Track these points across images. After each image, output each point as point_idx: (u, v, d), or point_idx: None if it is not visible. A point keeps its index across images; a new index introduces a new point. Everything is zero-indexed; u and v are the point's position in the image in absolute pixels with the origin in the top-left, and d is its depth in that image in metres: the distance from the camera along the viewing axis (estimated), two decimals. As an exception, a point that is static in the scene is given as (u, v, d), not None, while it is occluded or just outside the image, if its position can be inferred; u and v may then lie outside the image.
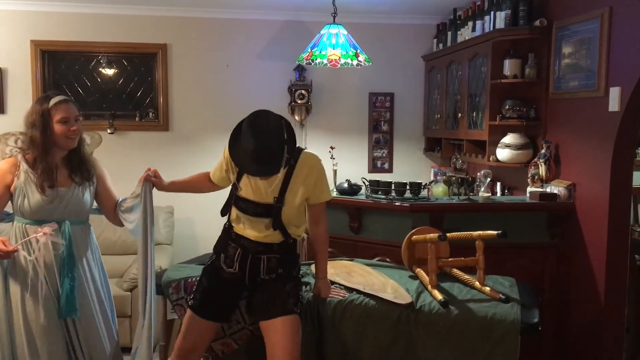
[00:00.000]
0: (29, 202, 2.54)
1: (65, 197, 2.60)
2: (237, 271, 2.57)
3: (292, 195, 2.52)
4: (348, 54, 4.20)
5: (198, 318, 2.58)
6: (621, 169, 3.35)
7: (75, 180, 2.64)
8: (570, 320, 3.72)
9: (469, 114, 4.54)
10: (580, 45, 3.56)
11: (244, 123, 2.41)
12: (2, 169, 2.59)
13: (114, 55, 5.25)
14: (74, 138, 2.61)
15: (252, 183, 2.51)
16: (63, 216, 2.61)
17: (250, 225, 2.55)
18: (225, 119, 5.36)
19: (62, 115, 2.57)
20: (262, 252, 2.55)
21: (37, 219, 2.57)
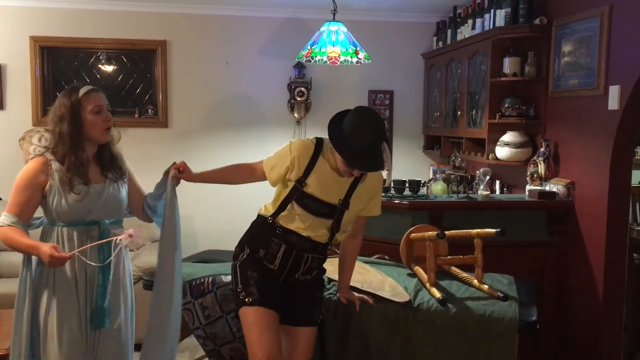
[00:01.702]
0: (66, 202, 2.35)
1: (102, 194, 2.42)
2: (277, 269, 2.49)
3: (356, 200, 2.49)
4: (348, 51, 4.20)
5: (267, 310, 2.40)
6: (620, 167, 3.35)
7: (109, 176, 2.47)
8: (568, 318, 3.72)
9: (469, 112, 4.54)
10: (580, 43, 3.56)
11: (358, 117, 2.34)
12: (33, 170, 2.38)
13: (113, 51, 5.24)
14: (108, 129, 2.45)
15: (322, 181, 2.44)
16: (101, 215, 2.42)
17: (305, 223, 2.46)
18: (225, 115, 5.37)
19: (94, 104, 2.40)
20: (307, 249, 2.49)
21: (75, 220, 2.38)
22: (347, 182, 2.46)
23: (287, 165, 2.47)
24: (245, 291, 2.44)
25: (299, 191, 2.44)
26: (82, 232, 2.40)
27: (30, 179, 2.38)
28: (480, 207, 3.79)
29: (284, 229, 2.48)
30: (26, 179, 2.39)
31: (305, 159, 2.46)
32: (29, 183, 2.38)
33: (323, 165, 2.45)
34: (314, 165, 2.45)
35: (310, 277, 2.54)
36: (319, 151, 2.47)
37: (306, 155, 2.46)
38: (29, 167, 2.40)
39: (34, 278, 2.41)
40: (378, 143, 2.34)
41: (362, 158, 2.32)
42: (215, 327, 2.78)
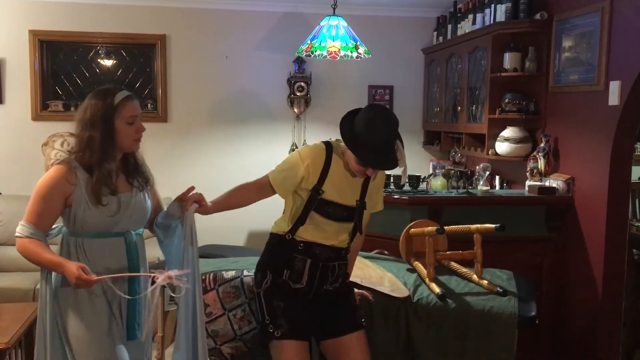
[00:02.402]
0: (93, 213, 2.17)
1: (130, 204, 2.24)
2: (305, 286, 2.40)
3: (369, 198, 2.46)
4: (348, 46, 4.19)
5: (295, 342, 2.33)
6: (620, 163, 3.35)
7: (135, 185, 2.29)
8: (567, 314, 3.73)
9: (469, 108, 4.53)
10: (580, 38, 3.55)
11: (371, 113, 2.30)
12: (57, 178, 2.16)
13: (112, 45, 5.22)
14: (139, 140, 2.27)
15: (338, 184, 2.37)
16: (127, 226, 2.25)
17: (327, 231, 2.39)
18: (224, 110, 5.36)
19: (131, 113, 2.20)
20: (333, 258, 2.42)
21: (101, 232, 2.21)
22: (359, 181, 2.42)
23: (301, 176, 2.36)
24: (273, 324, 2.35)
25: (317, 200, 2.35)
26: (107, 244, 2.23)
27: (53, 188, 2.16)
28: (480, 203, 3.79)
29: (305, 243, 2.38)
30: (49, 187, 2.16)
31: (318, 165, 2.36)
32: (52, 192, 2.16)
33: (336, 168, 2.38)
34: (328, 170, 2.37)
35: (338, 285, 2.48)
36: (330, 155, 2.39)
37: (319, 161, 2.37)
38: (52, 175, 2.18)
39: (55, 292, 2.21)
40: (392, 140, 2.31)
41: (377, 156, 2.27)
42: (216, 324, 2.76)
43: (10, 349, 2.94)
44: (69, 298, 2.19)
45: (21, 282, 4.23)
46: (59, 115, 5.08)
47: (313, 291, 2.42)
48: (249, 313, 2.68)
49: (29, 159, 5.06)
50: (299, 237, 2.39)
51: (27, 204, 5.16)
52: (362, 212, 2.44)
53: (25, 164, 5.06)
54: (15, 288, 4.16)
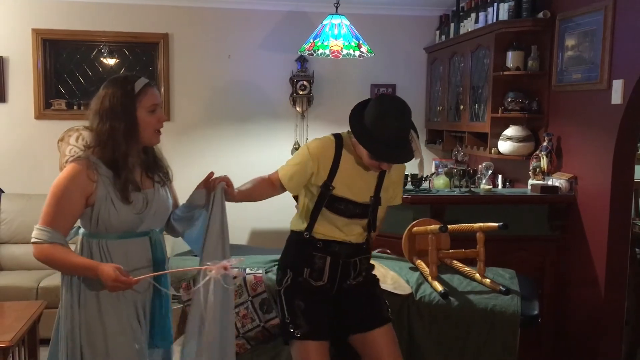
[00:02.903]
0: (118, 212, 2.01)
1: (153, 200, 2.10)
2: (326, 282, 2.36)
3: (385, 193, 2.39)
4: (350, 44, 4.19)
5: (314, 343, 2.30)
6: (623, 162, 3.34)
7: (156, 180, 2.15)
8: (570, 313, 3.72)
9: (471, 106, 4.53)
10: (583, 37, 3.55)
11: (382, 105, 2.20)
12: (76, 175, 1.99)
13: (115, 44, 5.23)
14: (160, 132, 2.12)
15: (349, 179, 2.30)
16: (151, 224, 2.11)
17: (341, 228, 2.34)
18: (227, 109, 5.36)
19: (152, 101, 2.06)
20: (352, 254, 2.37)
21: (126, 232, 2.06)
22: (374, 175, 2.34)
23: (311, 171, 2.30)
24: (293, 323, 2.32)
25: (328, 196, 2.29)
26: (132, 244, 2.08)
27: (72, 186, 1.98)
28: (483, 202, 3.79)
29: (324, 241, 2.34)
30: (67, 186, 1.99)
31: (328, 159, 2.29)
32: (71, 191, 1.98)
33: (347, 162, 2.30)
34: (339, 165, 2.29)
35: (362, 279, 2.43)
36: (340, 148, 2.31)
37: (328, 156, 2.30)
38: (69, 172, 2.00)
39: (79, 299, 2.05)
40: (405, 132, 2.20)
41: (390, 150, 2.16)
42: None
43: (14, 347, 2.94)
44: (92, 305, 2.04)
45: (24, 281, 4.25)
46: (62, 114, 5.09)
47: (335, 288, 2.38)
48: (252, 311, 2.68)
49: (31, 158, 5.08)
50: (317, 234, 2.35)
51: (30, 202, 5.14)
52: (376, 208, 2.36)
53: (28, 163, 5.08)
54: (19, 286, 4.18)
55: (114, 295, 2.03)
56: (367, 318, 2.36)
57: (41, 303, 3.53)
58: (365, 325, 2.35)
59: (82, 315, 2.05)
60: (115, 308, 2.05)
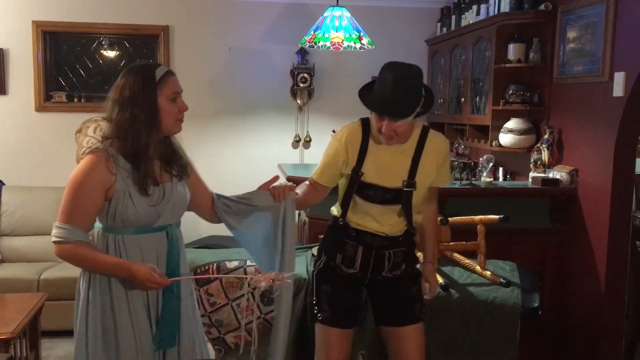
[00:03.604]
0: (137, 206, 1.94)
1: (171, 195, 2.03)
2: (358, 271, 2.35)
3: (423, 177, 2.29)
4: (351, 37, 4.18)
5: (335, 330, 2.34)
6: (624, 155, 3.33)
7: (174, 173, 2.07)
8: (570, 305, 3.73)
9: (472, 99, 4.52)
10: (585, 29, 3.53)
11: (383, 67, 2.21)
12: (95, 168, 1.91)
13: (115, 36, 5.22)
14: (182, 120, 2.05)
15: (379, 163, 2.26)
16: (168, 219, 2.04)
17: (374, 215, 2.30)
18: (227, 102, 5.35)
19: (173, 89, 1.99)
20: (387, 247, 2.33)
21: (143, 226, 1.99)
22: (408, 158, 2.27)
23: (342, 160, 2.29)
24: (318, 306, 2.37)
25: (357, 182, 2.27)
26: (148, 240, 2.02)
27: (91, 180, 1.91)
28: (483, 194, 3.79)
29: (357, 230, 2.33)
30: (86, 179, 1.91)
31: (355, 145, 2.28)
32: (90, 185, 1.91)
33: (376, 145, 2.27)
34: (367, 148, 2.27)
35: (400, 272, 2.36)
36: (367, 131, 2.28)
37: (356, 140, 2.28)
38: (87, 165, 1.92)
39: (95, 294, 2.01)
40: (401, 87, 2.14)
41: (386, 104, 2.14)
42: (220, 314, 2.78)
43: (15, 338, 2.96)
44: (105, 301, 2.00)
45: (25, 273, 4.25)
46: (62, 106, 5.09)
47: (368, 278, 2.36)
48: (253, 303, 2.69)
49: (32, 150, 5.08)
50: (351, 222, 2.34)
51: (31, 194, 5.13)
52: (410, 192, 2.27)
53: (28, 155, 5.08)
54: (20, 278, 4.18)
55: (125, 292, 1.99)
56: (398, 314, 2.35)
57: (42, 295, 3.54)
58: (395, 320, 2.36)
59: (97, 309, 2.00)
60: (126, 303, 2.00)
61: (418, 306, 2.38)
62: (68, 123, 5.07)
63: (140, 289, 1.93)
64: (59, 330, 4.13)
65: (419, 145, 2.28)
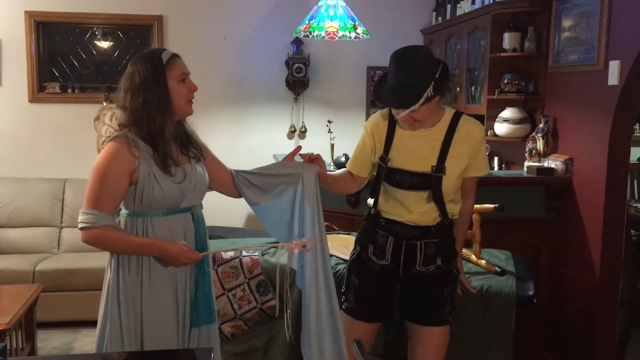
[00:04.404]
0: (163, 187, 1.99)
1: (192, 175, 2.09)
2: (390, 262, 2.31)
3: (453, 162, 2.23)
4: (346, 26, 4.16)
5: (358, 323, 2.36)
6: (619, 143, 3.34)
7: (191, 155, 2.14)
8: (565, 294, 3.75)
9: (468, 88, 4.52)
10: (580, 18, 3.53)
11: (393, 53, 2.17)
12: (118, 153, 1.96)
13: (109, 27, 5.18)
14: (192, 101, 2.13)
15: (406, 149, 2.24)
16: (193, 200, 2.10)
17: (404, 203, 2.27)
18: (222, 92, 5.33)
19: (181, 71, 2.07)
20: (417, 237, 2.27)
21: (170, 207, 2.04)
22: (437, 142, 2.23)
23: (370, 148, 2.32)
24: (344, 295, 2.40)
25: (385, 168, 2.28)
26: (175, 221, 2.06)
27: (115, 165, 1.95)
28: (479, 184, 3.72)
29: (387, 220, 2.31)
30: (110, 164, 1.95)
31: (382, 131, 2.29)
32: (114, 170, 1.95)
33: (402, 131, 2.26)
34: (394, 135, 2.27)
35: (434, 268, 2.29)
36: (393, 117, 2.25)
37: (382, 127, 2.30)
38: (110, 151, 1.97)
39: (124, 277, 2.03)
40: (405, 77, 2.12)
41: (390, 95, 2.15)
42: (216, 304, 2.79)
43: (11, 330, 2.96)
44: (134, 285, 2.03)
45: (21, 264, 4.25)
46: (56, 97, 5.06)
47: (402, 271, 2.32)
48: (249, 293, 2.70)
49: (26, 141, 5.05)
50: (382, 211, 2.33)
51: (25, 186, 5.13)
52: (440, 178, 2.21)
53: (22, 146, 5.05)
54: (15, 270, 4.18)
55: (153, 274, 2.02)
56: (424, 312, 2.32)
57: (38, 286, 3.54)
58: (419, 318, 2.33)
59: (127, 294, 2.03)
60: (153, 286, 2.03)
61: (447, 309, 2.32)
62: (62, 114, 5.05)
63: (174, 265, 1.99)
64: (55, 322, 4.14)
65: (449, 130, 2.24)
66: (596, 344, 3.46)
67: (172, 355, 2.00)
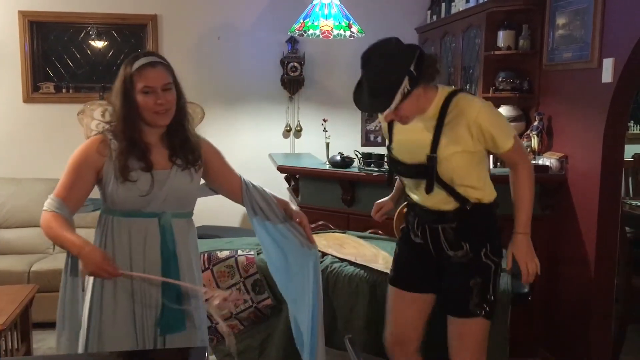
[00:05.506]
0: (121, 190, 2.00)
1: (165, 182, 2.04)
2: (422, 241, 2.31)
3: (449, 147, 2.12)
4: (341, 25, 4.16)
5: (397, 291, 2.36)
6: (613, 141, 3.34)
7: (177, 162, 2.09)
8: (560, 291, 3.76)
9: (462, 87, 4.52)
10: (574, 16, 3.53)
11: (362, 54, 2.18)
12: (88, 148, 2.03)
13: (103, 26, 5.17)
14: (163, 113, 2.03)
15: (404, 137, 2.23)
16: (162, 207, 2.06)
17: (414, 190, 2.28)
18: (217, 91, 5.32)
19: (144, 83, 2.00)
20: (436, 221, 2.23)
21: (132, 210, 2.04)
22: (431, 127, 2.14)
23: (386, 134, 2.40)
24: (391, 265, 2.49)
25: (390, 157, 2.33)
26: (139, 224, 2.05)
27: (82, 159, 2.02)
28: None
29: (410, 203, 2.37)
30: (78, 158, 2.03)
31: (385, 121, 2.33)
32: (81, 164, 2.02)
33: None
34: (393, 124, 2.29)
35: (463, 254, 2.22)
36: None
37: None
38: (84, 146, 2.05)
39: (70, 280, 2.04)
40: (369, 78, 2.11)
41: (361, 101, 2.16)
42: (211, 303, 2.79)
43: (6, 330, 2.95)
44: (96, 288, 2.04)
45: (16, 265, 4.24)
46: (50, 97, 5.04)
47: (435, 253, 2.30)
48: (244, 292, 2.69)
49: (21, 141, 5.03)
50: (407, 192, 2.38)
51: (20, 186, 5.14)
52: (433, 168, 2.14)
53: (17, 146, 5.03)
54: (10, 270, 4.16)
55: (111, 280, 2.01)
56: (450, 302, 2.30)
57: (33, 287, 3.53)
58: (448, 309, 2.31)
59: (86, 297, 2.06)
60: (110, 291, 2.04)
61: (475, 301, 2.21)
62: (56, 114, 5.03)
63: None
64: (50, 322, 4.10)
65: (441, 113, 2.14)
66: (592, 340, 3.47)
67: (169, 354, 2.00)
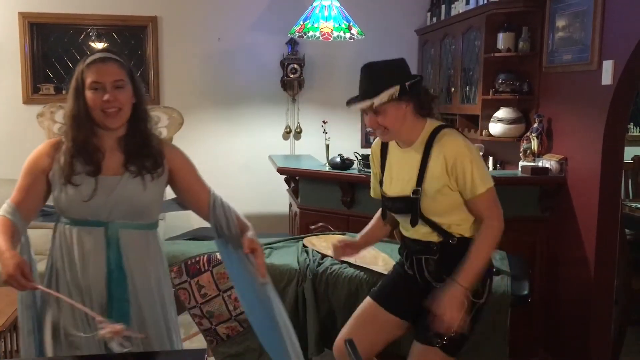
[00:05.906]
0: (64, 195, 1.91)
1: (114, 190, 1.92)
2: (412, 273, 2.31)
3: (431, 182, 2.11)
4: (341, 26, 4.16)
5: (376, 306, 2.33)
6: (613, 143, 3.35)
7: (130, 169, 1.95)
8: (560, 292, 3.75)
9: (462, 89, 4.52)
10: (574, 18, 3.54)
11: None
12: (38, 152, 1.97)
13: (103, 28, 5.17)
14: (111, 113, 1.90)
15: (393, 170, 2.24)
16: (110, 216, 1.93)
17: (402, 223, 2.31)
18: (217, 93, 5.32)
19: (92, 78, 1.89)
20: (420, 251, 2.23)
21: (77, 218, 1.94)
22: (417, 160, 2.14)
23: (375, 172, 2.38)
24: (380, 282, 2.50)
25: (381, 191, 2.33)
26: (85, 233, 1.94)
27: (33, 163, 1.96)
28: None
29: (400, 233, 2.37)
30: (29, 162, 1.97)
31: (377, 153, 2.34)
32: (32, 167, 1.96)
33: (393, 151, 2.27)
34: (386, 155, 2.29)
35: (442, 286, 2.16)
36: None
37: (377, 149, 2.34)
38: (35, 151, 1.99)
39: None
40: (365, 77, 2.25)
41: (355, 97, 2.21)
42: (211, 305, 2.78)
43: (5, 332, 2.94)
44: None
45: (15, 266, 4.22)
46: (50, 98, 5.03)
47: (422, 285, 2.27)
48: (243, 293, 2.69)
49: (20, 142, 5.02)
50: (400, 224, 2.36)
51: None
52: (416, 201, 2.12)
53: (16, 147, 5.02)
54: (10, 272, 4.15)
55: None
56: (418, 324, 2.26)
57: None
58: (414, 331, 2.29)
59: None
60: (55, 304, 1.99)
61: (435, 330, 2.12)
62: (56, 115, 5.04)
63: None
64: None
65: (427, 146, 2.13)
66: (591, 342, 3.47)
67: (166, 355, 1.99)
